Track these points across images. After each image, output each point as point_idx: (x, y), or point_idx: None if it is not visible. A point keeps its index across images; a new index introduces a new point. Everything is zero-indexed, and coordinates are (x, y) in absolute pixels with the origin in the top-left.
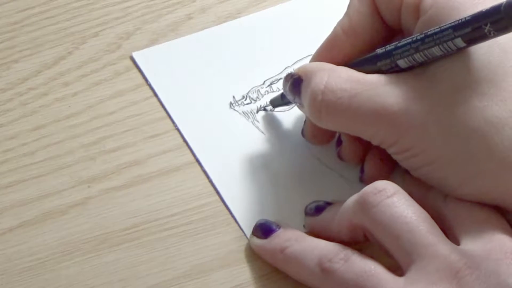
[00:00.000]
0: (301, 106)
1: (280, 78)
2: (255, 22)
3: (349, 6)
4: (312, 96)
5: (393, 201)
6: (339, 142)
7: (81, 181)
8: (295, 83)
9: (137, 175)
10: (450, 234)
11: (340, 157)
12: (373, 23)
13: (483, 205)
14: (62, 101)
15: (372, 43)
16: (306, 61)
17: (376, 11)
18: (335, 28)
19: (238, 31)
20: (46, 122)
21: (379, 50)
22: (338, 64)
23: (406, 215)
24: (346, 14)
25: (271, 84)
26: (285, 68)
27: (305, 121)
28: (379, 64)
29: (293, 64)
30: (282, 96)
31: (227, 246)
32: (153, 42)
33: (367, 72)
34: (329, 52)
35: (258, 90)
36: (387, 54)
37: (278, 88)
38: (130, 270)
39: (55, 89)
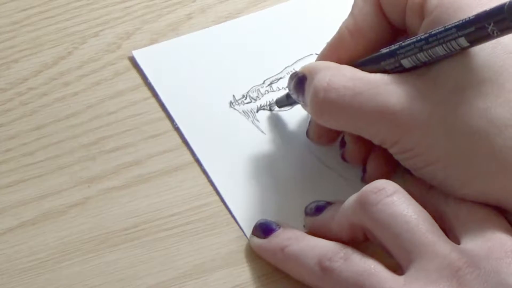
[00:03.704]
0: (305, 106)
1: (280, 78)
2: (255, 22)
3: (353, 6)
4: (314, 93)
5: (393, 200)
6: (343, 144)
7: (81, 181)
8: (299, 81)
9: (137, 175)
10: (451, 233)
11: (343, 158)
12: (378, 23)
13: (483, 204)
14: (62, 101)
15: (377, 43)
16: (306, 61)
17: (381, 11)
18: (340, 28)
19: (238, 31)
20: (46, 122)
21: (383, 50)
22: (343, 64)
23: (406, 214)
24: (351, 14)
25: (271, 83)
26: (285, 68)
27: (310, 121)
28: (383, 63)
29: (293, 64)
30: (287, 96)
31: (227, 246)
32: (153, 42)
33: (371, 72)
34: (335, 52)
35: (258, 89)
36: (391, 54)
37: (278, 88)
38: (130, 270)
39: (55, 89)
